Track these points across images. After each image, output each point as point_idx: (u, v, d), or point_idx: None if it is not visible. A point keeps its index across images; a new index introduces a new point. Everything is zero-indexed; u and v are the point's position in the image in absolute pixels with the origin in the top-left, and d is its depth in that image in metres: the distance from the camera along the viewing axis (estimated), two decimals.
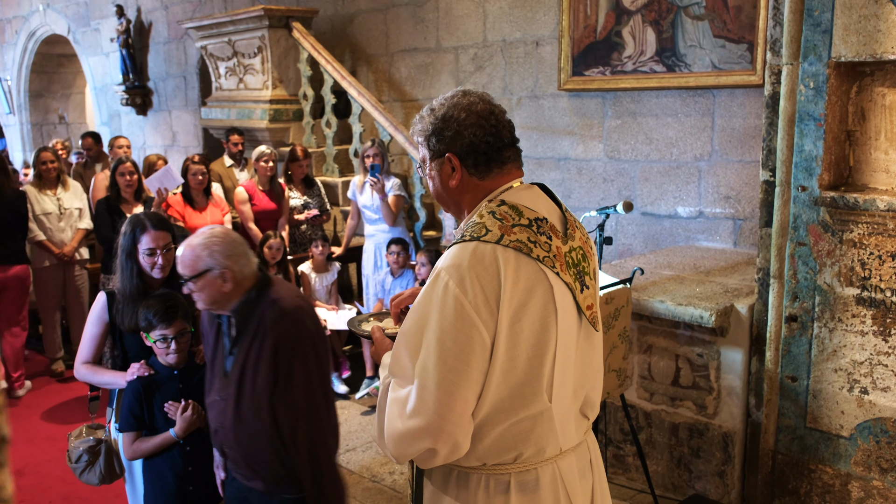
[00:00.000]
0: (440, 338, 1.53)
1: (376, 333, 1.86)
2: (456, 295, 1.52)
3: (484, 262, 1.54)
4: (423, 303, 1.58)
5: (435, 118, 1.69)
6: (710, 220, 4.62)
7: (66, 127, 11.26)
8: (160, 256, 2.77)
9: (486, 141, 1.66)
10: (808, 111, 2.88)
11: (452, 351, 1.52)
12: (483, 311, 1.52)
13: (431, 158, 1.71)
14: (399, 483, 3.93)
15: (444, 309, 1.53)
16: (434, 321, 1.54)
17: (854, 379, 2.95)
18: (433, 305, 1.55)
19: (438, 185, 1.73)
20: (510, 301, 1.54)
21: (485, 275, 1.53)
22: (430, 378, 1.52)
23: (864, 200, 2.77)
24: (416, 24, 6.11)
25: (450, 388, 1.52)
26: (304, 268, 5.31)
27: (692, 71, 4.48)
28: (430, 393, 1.52)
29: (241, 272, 2.28)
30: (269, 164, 5.39)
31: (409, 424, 1.54)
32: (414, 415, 1.53)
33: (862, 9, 2.69)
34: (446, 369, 1.52)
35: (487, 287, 1.53)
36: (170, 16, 8.62)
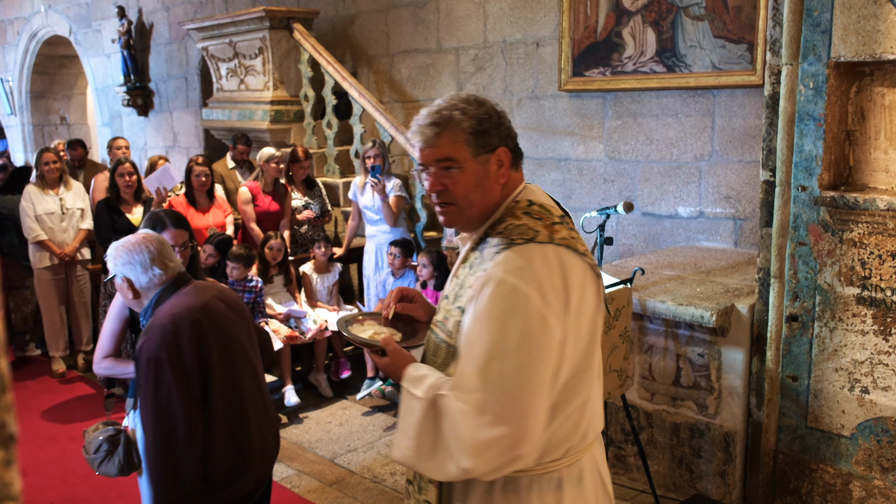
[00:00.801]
0: (520, 342, 1.49)
1: (391, 344, 1.72)
2: (529, 296, 1.50)
3: (548, 261, 1.54)
4: (490, 311, 1.52)
5: (482, 112, 1.62)
6: (711, 220, 4.62)
7: (67, 128, 11.27)
8: (178, 254, 2.83)
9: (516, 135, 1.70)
10: (807, 111, 2.89)
11: (533, 354, 1.50)
12: (557, 309, 1.52)
13: (476, 155, 1.61)
14: (400, 484, 3.93)
15: (519, 312, 1.50)
16: (510, 326, 1.50)
17: (855, 378, 2.95)
18: (504, 312, 1.50)
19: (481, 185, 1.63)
20: (574, 297, 1.56)
21: (552, 274, 1.53)
22: (512, 384, 1.49)
23: (864, 200, 2.77)
24: (416, 26, 6.12)
25: (534, 390, 1.50)
26: (306, 268, 5.32)
27: (692, 71, 4.49)
28: (516, 398, 1.48)
29: (137, 281, 2.28)
30: (280, 166, 5.41)
31: (495, 433, 1.48)
32: (500, 423, 1.48)
33: (861, 9, 2.69)
34: (529, 372, 1.50)
35: (557, 286, 1.53)
36: (171, 17, 8.63)
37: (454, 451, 1.51)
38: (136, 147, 9.28)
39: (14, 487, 0.37)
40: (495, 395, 1.49)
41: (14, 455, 0.37)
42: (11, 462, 0.37)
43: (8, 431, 0.37)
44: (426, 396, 1.56)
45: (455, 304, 1.65)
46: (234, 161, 6.26)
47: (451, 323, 1.64)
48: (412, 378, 1.62)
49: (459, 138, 1.60)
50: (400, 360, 1.69)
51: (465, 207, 1.65)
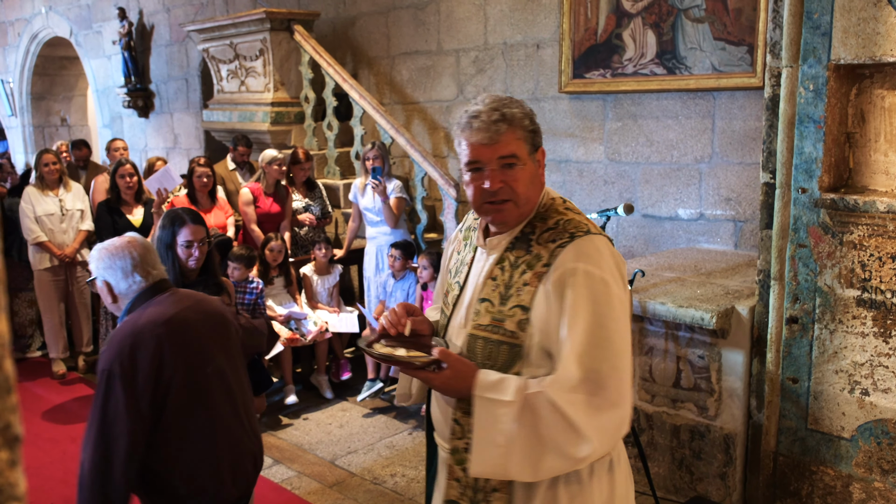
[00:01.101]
0: (614, 326, 1.57)
1: (450, 357, 1.62)
2: (609, 283, 1.58)
3: (609, 251, 1.64)
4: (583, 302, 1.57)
5: (531, 112, 1.69)
6: (711, 222, 4.62)
7: (67, 129, 11.28)
8: (196, 249, 2.98)
9: None
10: (807, 113, 2.89)
11: (623, 336, 1.59)
12: (625, 294, 1.63)
13: (531, 153, 1.67)
14: (400, 485, 3.93)
15: (606, 300, 1.57)
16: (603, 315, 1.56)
17: (855, 380, 2.95)
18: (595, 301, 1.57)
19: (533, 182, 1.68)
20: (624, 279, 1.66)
21: (615, 261, 1.64)
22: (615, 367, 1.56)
23: (864, 202, 2.77)
24: (417, 27, 6.12)
25: (629, 370, 1.60)
26: (306, 270, 5.32)
27: (692, 73, 4.49)
28: (620, 380, 1.56)
29: (117, 286, 2.23)
30: (281, 168, 5.41)
31: (612, 415, 1.56)
32: (614, 405, 1.55)
33: (861, 11, 2.70)
34: (625, 353, 1.59)
35: (620, 271, 1.64)
36: (172, 18, 8.64)
37: (566, 445, 1.53)
38: (137, 148, 9.29)
39: (19, 488, 0.37)
40: (604, 380, 1.54)
41: (19, 456, 0.37)
42: (16, 463, 0.37)
43: (13, 432, 0.37)
44: (517, 399, 1.55)
45: (508, 304, 1.65)
46: (235, 163, 6.27)
47: (511, 323, 1.64)
48: (489, 384, 1.58)
49: (521, 136, 1.64)
50: (466, 368, 1.62)
51: (522, 204, 1.66)
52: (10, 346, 0.37)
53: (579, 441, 1.53)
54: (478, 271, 1.75)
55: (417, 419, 4.71)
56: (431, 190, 5.90)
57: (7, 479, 0.36)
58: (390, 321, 1.76)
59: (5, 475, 0.36)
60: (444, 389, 1.64)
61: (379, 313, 5.19)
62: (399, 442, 4.46)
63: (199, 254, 3.01)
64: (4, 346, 0.36)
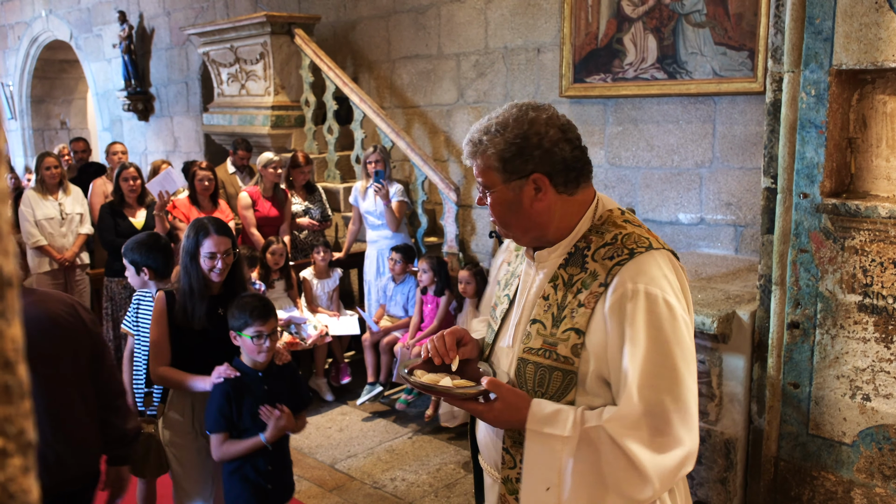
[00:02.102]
0: (680, 354, 1.46)
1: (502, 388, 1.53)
2: (672, 305, 1.47)
3: (670, 267, 1.54)
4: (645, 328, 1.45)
5: (514, 136, 1.52)
6: (712, 227, 4.62)
7: (67, 133, 11.28)
8: (220, 261, 2.83)
9: (576, 156, 1.55)
10: (809, 118, 2.89)
11: (689, 363, 1.48)
12: (688, 315, 1.52)
13: (506, 181, 1.53)
14: (401, 489, 3.92)
15: (670, 325, 1.46)
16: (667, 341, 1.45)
17: (856, 386, 2.95)
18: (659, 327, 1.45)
19: (515, 210, 1.56)
20: (687, 298, 1.56)
21: (676, 280, 1.53)
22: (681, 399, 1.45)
23: (866, 207, 2.77)
24: (417, 31, 6.13)
25: (695, 399, 1.50)
26: (306, 273, 5.31)
27: (693, 78, 4.50)
28: (686, 413, 1.45)
29: None
30: (277, 171, 5.42)
31: (677, 455, 1.44)
32: (679, 442, 1.44)
33: (863, 17, 2.70)
34: (690, 382, 1.48)
35: (682, 291, 1.54)
36: (172, 22, 8.65)
37: (626, 485, 1.43)
38: (137, 152, 9.29)
39: (32, 495, 0.37)
40: (668, 415, 1.43)
41: (32, 462, 0.37)
42: (30, 469, 0.37)
43: (26, 438, 0.37)
44: (574, 434, 1.45)
45: (561, 327, 1.54)
46: (235, 166, 6.27)
47: (564, 347, 1.52)
48: (544, 417, 1.48)
49: (489, 164, 1.54)
50: (518, 400, 1.52)
51: (504, 227, 1.60)
52: (24, 352, 0.37)
53: (641, 482, 1.42)
54: (527, 286, 1.65)
55: (418, 423, 4.70)
56: (432, 194, 5.90)
57: (20, 485, 0.36)
58: (437, 350, 1.64)
59: (18, 482, 0.36)
60: (495, 422, 1.55)
61: (379, 317, 5.18)
62: (399, 446, 4.45)
63: (223, 265, 2.84)
64: (19, 351, 0.36)
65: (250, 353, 2.73)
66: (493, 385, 1.51)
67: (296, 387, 2.92)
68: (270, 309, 2.76)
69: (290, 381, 2.89)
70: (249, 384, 2.73)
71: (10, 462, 0.35)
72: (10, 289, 0.35)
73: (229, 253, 2.87)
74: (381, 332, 5.04)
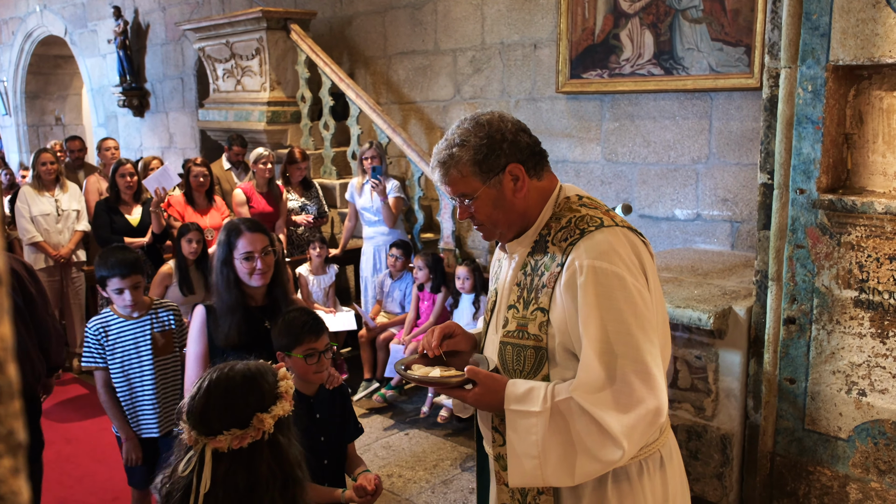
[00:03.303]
0: (633, 320, 1.54)
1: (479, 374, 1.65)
2: (623, 276, 1.56)
3: (623, 243, 1.61)
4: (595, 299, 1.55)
5: (480, 139, 1.64)
6: (708, 223, 4.62)
7: (62, 128, 11.24)
8: (259, 260, 2.52)
9: (535, 141, 1.71)
10: (806, 114, 2.89)
11: (645, 327, 1.56)
12: (643, 284, 1.60)
13: (486, 181, 1.65)
14: (397, 486, 3.92)
15: (620, 293, 1.55)
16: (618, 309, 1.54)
17: (852, 381, 2.95)
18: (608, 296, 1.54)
19: (501, 204, 1.67)
20: (648, 275, 1.64)
21: (629, 253, 1.61)
22: (638, 360, 1.53)
23: (862, 203, 2.78)
24: (414, 27, 6.11)
25: (656, 360, 1.56)
26: (302, 270, 5.30)
27: (690, 74, 4.49)
28: (646, 373, 1.53)
29: None
30: (267, 166, 5.40)
31: (639, 412, 1.53)
32: (641, 401, 1.53)
33: (860, 13, 2.70)
34: (650, 344, 1.55)
35: (636, 265, 1.61)
36: (167, 17, 8.61)
37: (597, 448, 1.53)
38: (132, 148, 9.27)
39: (22, 496, 0.36)
40: (628, 377, 1.52)
41: (22, 463, 0.37)
42: (19, 470, 0.36)
43: (16, 439, 0.36)
44: (545, 408, 1.56)
45: (530, 308, 1.66)
46: (230, 162, 6.25)
47: (532, 327, 1.65)
48: (518, 396, 1.60)
49: (465, 172, 1.66)
50: (495, 383, 1.64)
51: (493, 227, 1.72)
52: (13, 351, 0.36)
53: (611, 444, 1.52)
54: (505, 277, 1.78)
55: (413, 421, 4.70)
56: (428, 190, 5.90)
57: (10, 487, 0.35)
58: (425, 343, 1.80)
59: (8, 483, 0.35)
60: (478, 405, 1.68)
61: (376, 313, 5.18)
62: (395, 442, 4.45)
63: (264, 266, 2.52)
64: (8, 350, 0.35)
65: (303, 375, 2.39)
66: (472, 373, 1.64)
67: (347, 416, 2.63)
68: (322, 324, 2.46)
69: (341, 410, 2.60)
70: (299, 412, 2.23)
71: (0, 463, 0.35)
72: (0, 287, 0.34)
73: (268, 251, 2.56)
74: (378, 328, 5.03)
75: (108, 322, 3.10)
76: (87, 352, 3.09)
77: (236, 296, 2.53)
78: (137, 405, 3.12)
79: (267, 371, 1.68)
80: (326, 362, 2.44)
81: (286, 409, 1.61)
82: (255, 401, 1.58)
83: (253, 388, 1.61)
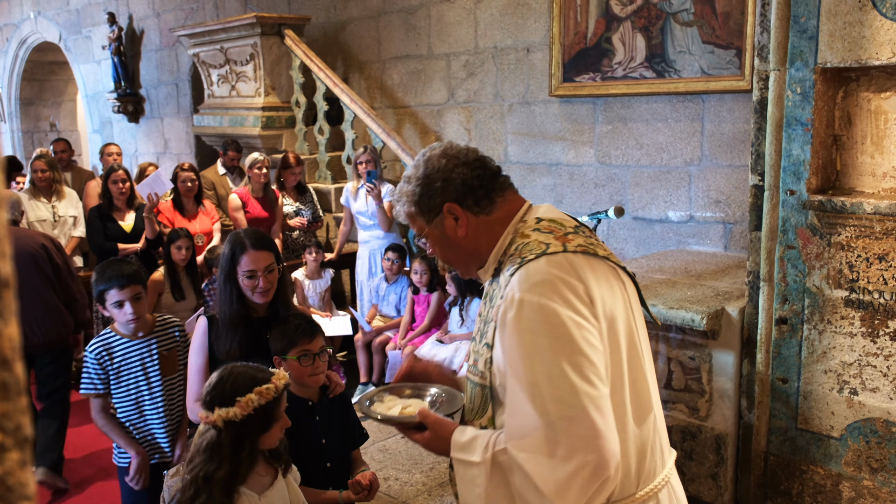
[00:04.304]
0: (563, 358, 1.36)
1: (430, 416, 1.57)
2: (556, 309, 1.38)
3: (565, 269, 1.43)
4: (521, 338, 1.40)
5: (417, 180, 1.60)
6: (701, 225, 4.65)
7: (57, 135, 11.24)
8: (261, 279, 2.46)
9: (476, 175, 1.59)
10: (795, 116, 2.92)
11: (582, 364, 1.36)
12: (588, 314, 1.40)
13: (429, 222, 1.60)
14: (394, 489, 3.93)
15: (550, 328, 1.38)
16: (546, 346, 1.37)
17: (844, 380, 2.98)
18: (536, 332, 1.39)
19: (448, 244, 1.61)
20: (602, 302, 1.44)
21: (572, 281, 1.42)
22: (571, 405, 1.35)
23: (852, 204, 2.81)
24: (407, 32, 6.14)
25: (597, 404, 1.36)
26: (298, 274, 5.32)
27: (682, 77, 4.53)
28: (580, 420, 1.34)
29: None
30: (262, 171, 5.42)
31: (571, 466, 1.34)
32: (573, 453, 1.34)
33: (847, 15, 2.73)
34: (585, 386, 1.35)
35: (580, 292, 1.42)
36: (162, 23, 8.63)
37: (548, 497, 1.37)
38: (128, 154, 9.27)
39: (29, 488, 0.38)
40: (557, 426, 1.35)
41: (29, 456, 0.39)
42: (27, 463, 0.38)
43: (24, 433, 0.38)
44: (485, 459, 1.44)
45: (482, 342, 1.56)
46: (225, 167, 6.26)
47: (481, 363, 1.54)
48: (462, 445, 1.50)
49: (409, 212, 1.63)
50: (442, 429, 1.55)
51: (462, 264, 1.67)
52: (20, 350, 0.38)
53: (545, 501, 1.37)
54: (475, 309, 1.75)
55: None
56: None
57: (18, 479, 0.37)
58: None
59: (16, 475, 0.37)
60: (429, 450, 1.61)
61: (372, 317, 5.19)
62: (392, 446, 4.46)
63: (266, 284, 2.47)
64: (15, 349, 0.37)
65: (298, 377, 2.39)
66: (422, 416, 1.57)
67: (350, 421, 2.61)
68: (316, 326, 2.45)
69: (343, 414, 2.58)
70: (299, 416, 2.36)
71: (8, 456, 0.37)
72: (7, 290, 0.36)
73: (272, 269, 2.49)
74: (374, 332, 5.05)
75: (111, 343, 2.90)
76: (87, 377, 2.88)
77: (238, 310, 2.51)
78: (148, 431, 2.96)
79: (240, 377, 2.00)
80: (321, 364, 2.44)
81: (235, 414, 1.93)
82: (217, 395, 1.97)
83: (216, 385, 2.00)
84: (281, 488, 2.12)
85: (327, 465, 2.51)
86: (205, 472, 1.93)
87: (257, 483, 2.05)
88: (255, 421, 1.96)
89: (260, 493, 2.04)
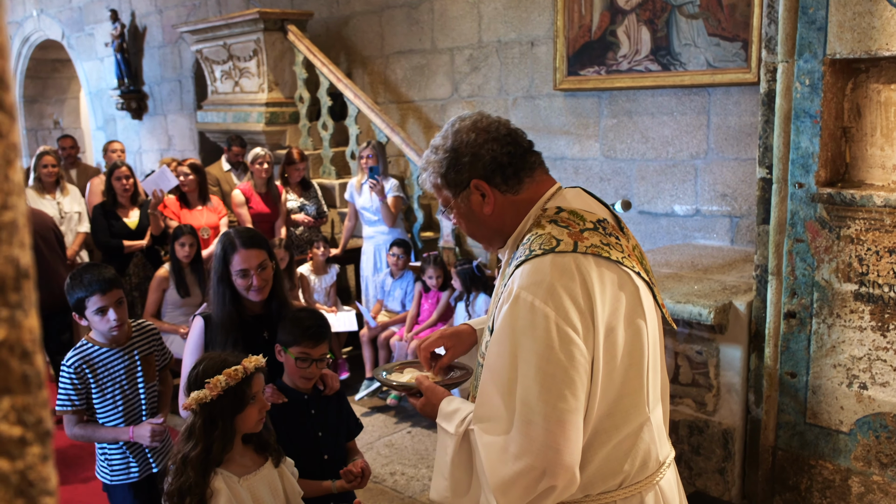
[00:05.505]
0: (539, 364, 1.37)
1: (424, 383, 1.66)
2: (546, 314, 1.37)
3: (568, 273, 1.41)
4: (507, 332, 1.42)
5: (445, 152, 1.56)
6: (707, 218, 4.64)
7: (60, 132, 11.25)
8: (255, 277, 2.45)
9: (507, 152, 1.55)
10: (804, 108, 2.90)
11: (556, 375, 1.36)
12: (579, 325, 1.38)
13: (455, 195, 1.57)
14: (400, 483, 3.93)
15: (535, 332, 1.37)
16: (527, 348, 1.38)
17: (853, 374, 2.96)
18: (522, 331, 1.39)
19: (473, 219, 1.59)
20: (603, 310, 1.42)
21: (573, 286, 1.40)
22: (534, 411, 1.36)
23: (861, 196, 2.79)
24: (410, 26, 6.12)
25: (561, 417, 1.36)
26: (304, 269, 5.31)
27: (687, 69, 4.51)
28: (539, 427, 1.35)
29: None
30: (264, 167, 5.41)
31: (518, 466, 1.36)
32: (523, 454, 1.36)
33: (856, 6, 2.71)
34: (553, 397, 1.36)
35: (578, 299, 1.40)
36: (164, 20, 8.62)
37: (486, 488, 1.41)
38: (131, 150, 9.27)
39: (51, 482, 0.37)
40: (518, 426, 1.37)
41: (50, 450, 0.38)
42: (48, 457, 0.37)
43: (44, 427, 0.37)
44: (457, 432, 1.49)
45: (490, 323, 1.57)
46: (230, 163, 6.26)
47: (482, 345, 1.59)
48: (445, 413, 1.57)
49: (436, 184, 1.61)
50: (433, 396, 1.63)
51: (486, 239, 1.66)
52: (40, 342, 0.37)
53: (490, 490, 1.40)
54: None
55: (415, 418, 4.71)
56: None
57: (39, 473, 0.36)
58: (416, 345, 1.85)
59: (37, 470, 0.36)
60: (423, 414, 1.68)
61: (377, 312, 5.19)
62: (398, 440, 4.46)
63: (260, 282, 2.45)
64: (35, 342, 0.36)
65: (291, 374, 2.46)
66: (418, 382, 1.68)
67: (344, 413, 2.64)
68: (325, 332, 2.45)
69: (338, 406, 2.62)
70: (295, 407, 2.45)
71: (29, 450, 0.36)
72: (27, 280, 0.35)
73: (265, 266, 2.48)
74: (379, 327, 5.04)
75: (91, 355, 2.68)
76: (63, 392, 2.65)
77: (232, 312, 2.49)
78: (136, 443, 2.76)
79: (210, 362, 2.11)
80: (317, 371, 2.47)
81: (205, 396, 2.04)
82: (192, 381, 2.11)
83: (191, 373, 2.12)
84: (268, 476, 2.16)
85: (324, 457, 2.54)
86: (182, 454, 2.04)
87: (239, 466, 2.11)
88: (225, 401, 2.05)
89: (240, 476, 2.09)
